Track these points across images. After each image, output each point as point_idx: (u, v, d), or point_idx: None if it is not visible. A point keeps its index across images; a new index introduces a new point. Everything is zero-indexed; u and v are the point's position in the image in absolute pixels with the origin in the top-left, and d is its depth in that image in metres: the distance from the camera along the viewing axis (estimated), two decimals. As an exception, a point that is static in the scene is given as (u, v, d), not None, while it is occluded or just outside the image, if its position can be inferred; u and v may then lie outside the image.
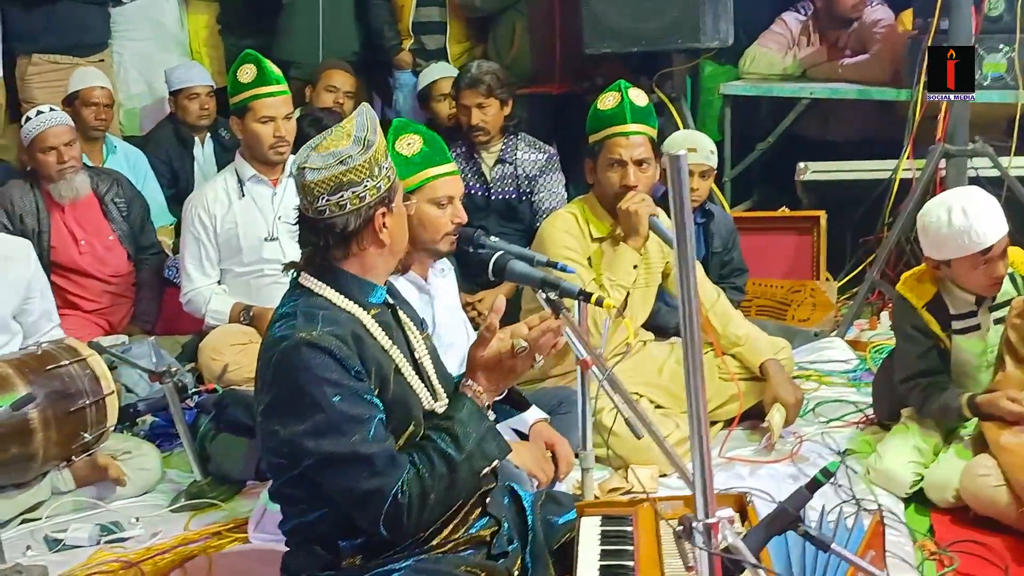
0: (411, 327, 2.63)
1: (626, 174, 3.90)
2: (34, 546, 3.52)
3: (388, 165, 2.49)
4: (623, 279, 3.92)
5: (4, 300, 3.91)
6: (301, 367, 2.35)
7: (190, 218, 4.59)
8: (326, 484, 2.40)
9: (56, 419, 3.59)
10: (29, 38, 6.03)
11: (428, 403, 2.54)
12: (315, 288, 2.48)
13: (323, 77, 5.94)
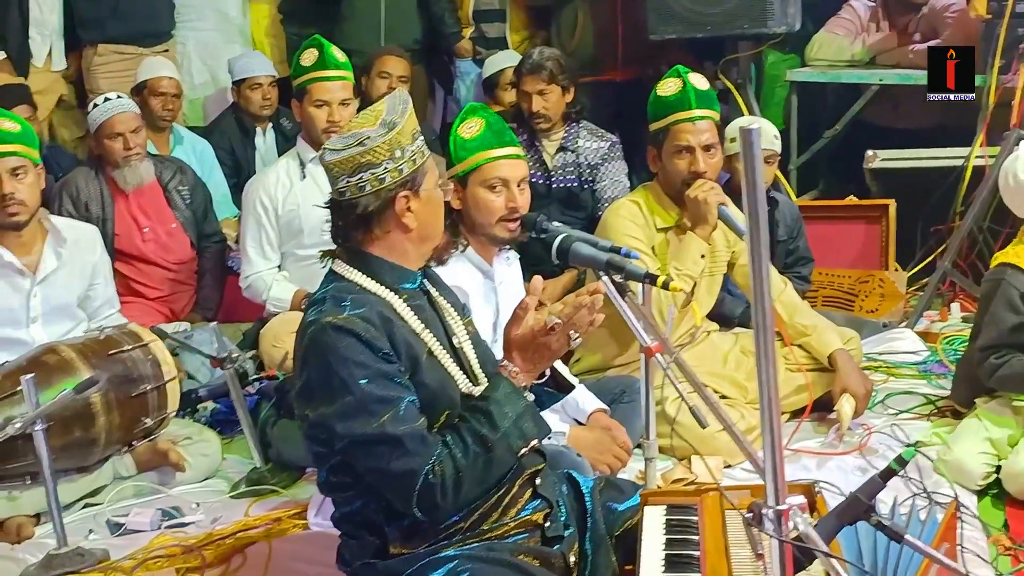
0: (450, 312, 2.60)
1: (694, 160, 3.83)
2: (96, 530, 3.54)
3: (416, 148, 2.45)
4: (691, 269, 3.85)
5: (71, 286, 3.93)
6: (328, 350, 2.34)
7: (251, 201, 4.58)
8: (359, 467, 2.39)
9: (118, 404, 3.61)
10: (95, 28, 6.09)
11: (465, 387, 2.50)
12: (345, 273, 2.47)
13: (376, 64, 5.92)
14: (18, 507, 3.51)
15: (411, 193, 2.45)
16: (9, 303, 3.77)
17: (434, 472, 2.33)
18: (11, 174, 3.69)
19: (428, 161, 2.50)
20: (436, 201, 2.53)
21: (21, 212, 3.72)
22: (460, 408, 2.47)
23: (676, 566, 2.33)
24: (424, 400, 2.40)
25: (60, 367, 3.53)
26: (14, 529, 3.49)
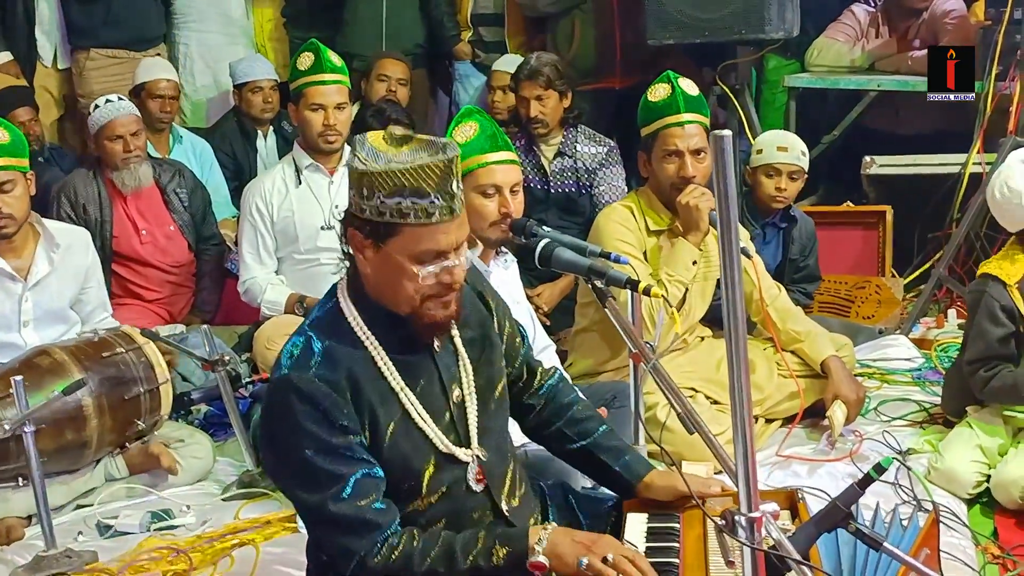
0: (464, 361, 2.41)
1: (683, 164, 3.83)
2: (85, 531, 3.55)
3: (391, 205, 2.16)
4: (682, 275, 3.85)
5: (63, 291, 3.94)
6: (283, 409, 2.22)
7: (248, 206, 4.60)
8: (304, 525, 2.36)
9: (110, 406, 3.63)
10: (88, 33, 6.09)
11: (445, 446, 2.34)
12: (342, 302, 2.31)
13: (376, 67, 5.95)
14: (9, 509, 3.52)
15: (367, 240, 2.22)
16: (1, 308, 3.78)
17: (379, 555, 2.23)
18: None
19: (420, 232, 2.19)
20: (397, 271, 2.22)
21: (9, 226, 3.73)
22: (438, 468, 2.34)
23: (653, 574, 2.33)
24: (392, 465, 2.29)
25: (52, 369, 3.55)
26: (4, 531, 3.50)
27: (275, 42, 6.65)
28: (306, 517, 2.33)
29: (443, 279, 2.24)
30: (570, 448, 2.68)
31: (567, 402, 2.70)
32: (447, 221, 2.20)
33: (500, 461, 2.47)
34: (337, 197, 4.58)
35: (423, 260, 2.21)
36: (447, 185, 2.18)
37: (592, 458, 2.66)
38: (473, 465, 2.40)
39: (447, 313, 2.29)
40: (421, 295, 2.25)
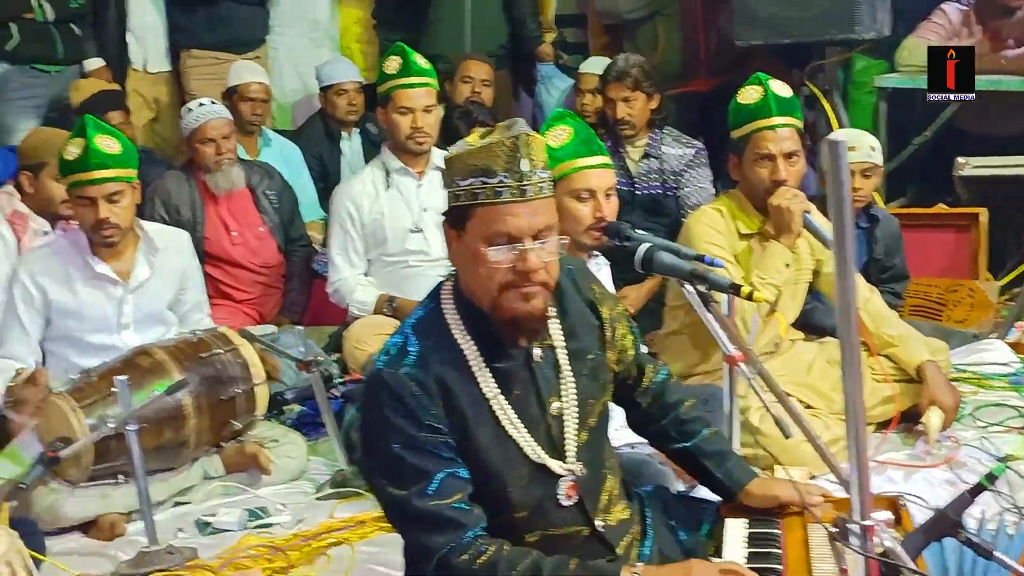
0: (561, 364, 2.37)
1: (775, 168, 3.79)
2: (185, 528, 3.61)
3: (466, 187, 2.19)
4: (774, 277, 3.82)
5: (162, 293, 3.99)
6: (375, 403, 2.25)
7: (337, 209, 4.66)
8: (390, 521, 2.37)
9: (208, 406, 3.69)
10: (191, 35, 6.21)
11: (537, 456, 2.31)
12: (444, 304, 2.32)
13: (460, 68, 5.99)
14: (111, 505, 3.59)
15: (451, 229, 2.27)
16: (102, 311, 3.84)
17: (464, 556, 2.20)
18: (108, 199, 3.71)
19: (490, 213, 2.19)
20: (475, 258, 2.22)
21: (115, 235, 3.78)
22: (530, 480, 2.31)
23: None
24: (484, 474, 2.27)
25: (153, 369, 3.62)
26: (107, 526, 3.58)
27: (362, 44, 6.72)
28: (391, 513, 2.32)
29: (517, 266, 2.20)
30: (674, 447, 2.67)
31: (673, 401, 2.67)
32: (516, 202, 2.18)
33: (597, 477, 2.42)
34: (426, 200, 4.62)
35: (493, 242, 2.19)
36: (516, 163, 2.17)
37: (694, 461, 2.65)
38: (566, 479, 2.35)
39: (528, 308, 2.24)
40: (497, 284, 2.21)
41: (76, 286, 3.81)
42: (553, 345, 2.38)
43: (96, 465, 3.49)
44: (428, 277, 4.64)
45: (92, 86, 5.75)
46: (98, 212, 3.71)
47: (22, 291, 3.79)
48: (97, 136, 3.70)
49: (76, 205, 3.76)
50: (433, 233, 4.64)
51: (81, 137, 3.72)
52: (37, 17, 5.79)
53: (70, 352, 3.84)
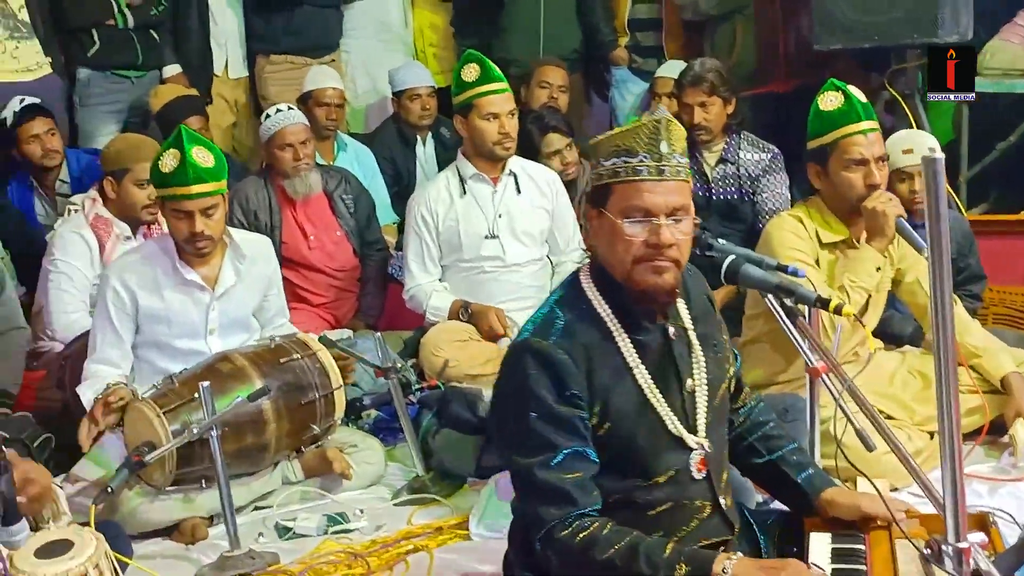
0: (696, 351, 2.50)
1: (869, 172, 3.73)
2: (265, 533, 3.65)
3: (608, 167, 2.38)
4: (866, 281, 3.76)
5: (247, 300, 4.03)
6: (518, 371, 2.37)
7: (413, 216, 4.69)
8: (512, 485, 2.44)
9: (288, 411, 3.73)
10: (270, 40, 6.27)
11: (676, 430, 2.43)
12: (584, 283, 2.47)
13: (536, 74, 5.98)
14: (193, 509, 3.64)
15: (592, 208, 2.43)
16: (189, 317, 3.88)
17: (566, 530, 2.31)
18: (203, 213, 3.73)
19: (628, 189, 2.36)
20: (612, 233, 2.39)
21: (208, 247, 3.80)
22: (667, 450, 2.42)
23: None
24: (623, 443, 2.39)
25: (234, 375, 3.66)
26: (189, 530, 3.63)
27: (436, 48, 6.73)
28: (514, 479, 2.43)
29: (650, 240, 2.35)
30: (756, 462, 2.70)
31: (763, 420, 2.74)
32: (654, 180, 2.34)
33: (720, 459, 2.54)
34: (500, 206, 4.64)
35: (630, 215, 2.35)
36: (656, 145, 2.33)
37: (776, 471, 2.68)
38: (697, 453, 2.46)
39: (659, 281, 2.38)
40: (632, 256, 2.37)
41: (165, 292, 3.85)
42: (684, 327, 2.50)
43: (179, 470, 3.54)
44: (502, 283, 4.67)
45: (171, 91, 5.83)
46: (194, 226, 3.74)
47: (113, 296, 3.83)
48: (193, 148, 3.71)
49: (170, 216, 3.79)
50: (508, 239, 4.65)
51: (176, 149, 3.72)
52: (118, 24, 5.88)
53: (157, 357, 3.89)
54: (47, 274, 4.59)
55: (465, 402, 3.99)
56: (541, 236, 4.76)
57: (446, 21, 6.73)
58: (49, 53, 5.73)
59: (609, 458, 2.39)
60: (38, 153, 5.33)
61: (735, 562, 2.28)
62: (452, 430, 3.98)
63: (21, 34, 5.61)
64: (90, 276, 4.55)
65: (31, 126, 5.33)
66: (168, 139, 3.86)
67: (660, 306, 2.45)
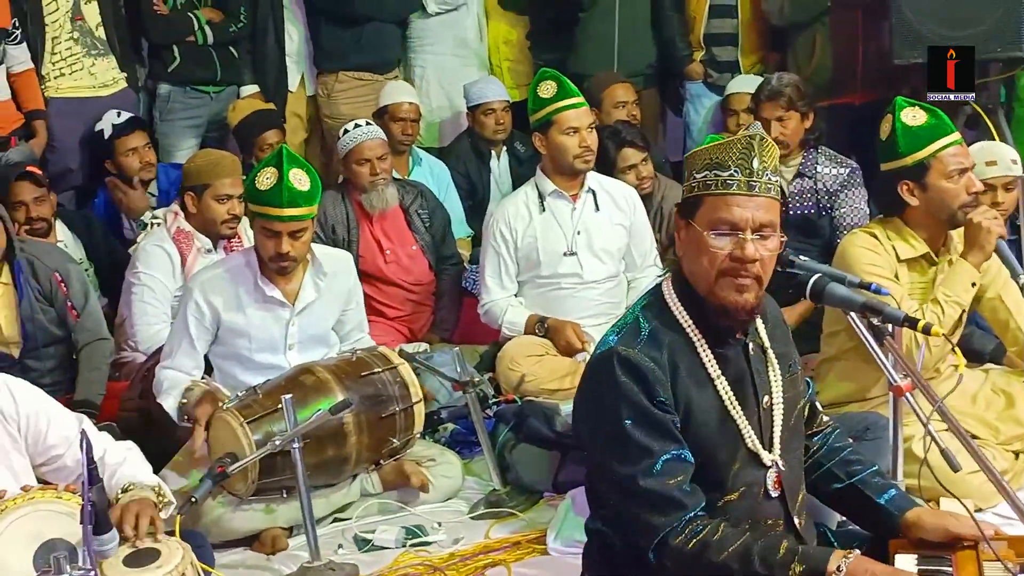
0: (773, 367, 2.52)
1: (971, 180, 3.71)
2: (345, 545, 3.69)
3: (699, 179, 2.40)
4: (962, 296, 3.70)
5: (327, 315, 4.07)
6: (607, 379, 2.37)
7: (492, 232, 4.71)
8: (606, 494, 2.44)
9: (368, 424, 3.76)
10: (338, 57, 6.29)
11: (754, 444, 2.44)
12: (667, 296, 2.47)
13: (607, 94, 5.93)
14: (274, 519, 3.69)
15: (681, 220, 2.45)
16: (270, 332, 3.94)
17: (680, 536, 2.32)
18: (291, 235, 3.78)
19: (718, 201, 2.37)
20: (698, 245, 2.40)
21: (290, 267, 3.86)
22: (743, 464, 2.43)
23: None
24: (701, 454, 2.39)
25: (316, 387, 3.70)
26: (269, 541, 3.67)
27: (511, 63, 6.74)
28: (615, 489, 2.41)
29: (735, 253, 2.36)
30: (835, 487, 2.67)
31: (840, 446, 2.71)
32: (744, 195, 2.35)
33: (795, 477, 2.54)
34: (579, 223, 4.65)
35: (717, 228, 2.36)
36: (748, 160, 2.35)
37: (857, 495, 2.64)
38: (773, 471, 2.47)
39: (740, 299, 2.38)
40: (716, 269, 2.37)
41: (246, 307, 3.91)
42: (763, 345, 2.52)
43: (261, 480, 3.59)
44: (579, 299, 4.68)
45: (249, 106, 5.92)
46: (280, 246, 3.79)
47: (195, 309, 3.90)
48: (292, 170, 3.77)
49: (258, 232, 3.85)
50: (586, 256, 4.66)
51: (276, 168, 3.78)
52: (198, 40, 5.98)
53: (237, 370, 3.96)
54: (130, 286, 4.68)
55: (543, 416, 4.01)
56: (619, 253, 4.76)
57: (521, 36, 6.73)
58: (125, 69, 5.84)
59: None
60: (135, 166, 5.42)
61: (852, 560, 2.29)
62: (529, 444, 4.00)
63: (98, 51, 5.71)
64: (172, 288, 4.64)
65: (129, 139, 5.42)
66: (269, 156, 3.94)
67: (739, 324, 2.45)
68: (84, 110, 5.69)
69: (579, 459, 3.89)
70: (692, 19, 6.34)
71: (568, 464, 3.91)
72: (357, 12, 6.15)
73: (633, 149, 5.24)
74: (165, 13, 5.94)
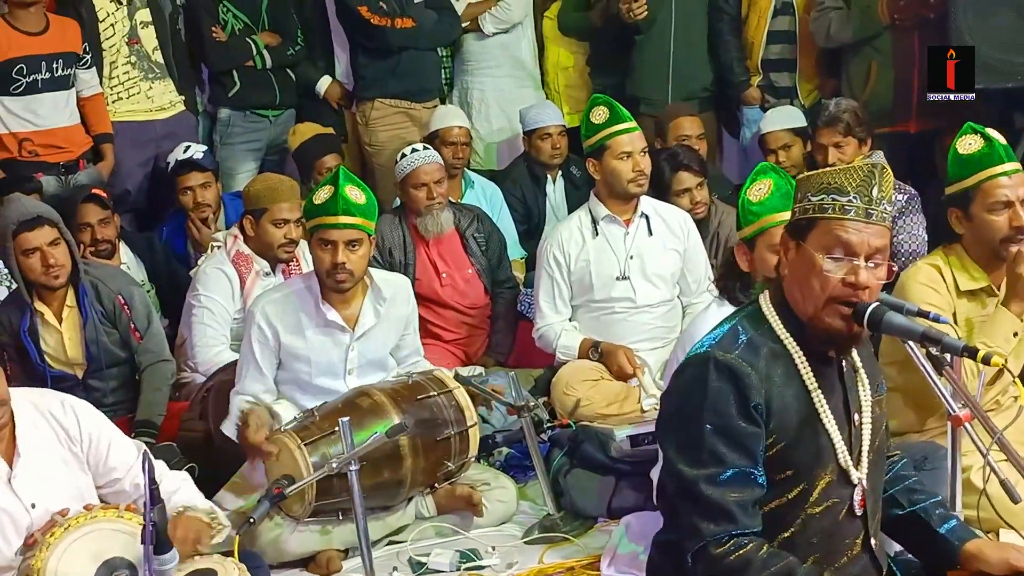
0: (864, 385, 2.55)
1: (1016, 214, 3.65)
2: (400, 568, 3.71)
3: (815, 202, 2.41)
4: (1001, 346, 3.61)
5: (386, 340, 4.11)
6: (699, 381, 2.40)
7: (545, 256, 4.73)
8: (667, 490, 2.47)
9: (423, 447, 3.79)
10: (376, 85, 6.29)
11: (844, 460, 2.46)
12: (764, 308, 2.51)
13: (672, 128, 5.91)
14: (329, 541, 3.73)
15: (792, 240, 2.46)
16: (329, 357, 3.98)
17: (722, 547, 2.33)
18: (347, 245, 3.83)
19: (834, 225, 2.39)
20: (810, 267, 2.41)
21: (347, 281, 3.87)
22: (832, 479, 2.44)
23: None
24: (792, 464, 2.41)
25: (373, 410, 3.74)
26: (324, 562, 3.71)
27: (569, 88, 6.76)
28: (675, 486, 2.43)
29: (848, 279, 2.39)
30: (897, 514, 2.67)
31: (904, 474, 2.73)
32: (861, 221, 2.38)
33: (876, 498, 2.56)
34: (632, 248, 4.65)
35: (832, 252, 2.38)
36: (867, 188, 2.37)
37: (917, 523, 2.65)
38: (859, 489, 2.50)
39: (846, 326, 2.41)
40: (828, 294, 2.39)
41: (307, 332, 3.95)
42: (855, 365, 2.55)
43: (318, 502, 3.62)
44: (632, 323, 4.68)
45: (309, 130, 5.98)
46: (336, 255, 3.83)
47: (258, 332, 3.95)
48: (347, 185, 3.85)
49: (316, 248, 3.90)
50: (639, 280, 4.66)
51: (332, 185, 3.87)
52: (256, 65, 6.07)
53: (296, 393, 4.00)
54: (190, 308, 4.76)
55: (597, 442, 4.02)
56: (672, 278, 4.76)
57: (579, 62, 6.75)
58: (183, 92, 5.93)
59: (775, 478, 2.40)
60: (190, 205, 5.50)
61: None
62: (583, 469, 4.01)
63: (155, 74, 5.82)
64: (231, 311, 4.70)
65: (187, 178, 5.48)
66: (327, 177, 4.00)
67: (840, 349, 2.49)
68: (141, 133, 5.82)
69: (633, 485, 3.91)
70: (750, 44, 6.33)
71: (622, 490, 3.92)
72: (391, 43, 6.17)
73: (689, 173, 5.22)
74: (223, 39, 6.04)
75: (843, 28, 5.92)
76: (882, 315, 2.63)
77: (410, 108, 6.31)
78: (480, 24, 6.48)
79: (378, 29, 6.09)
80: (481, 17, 6.48)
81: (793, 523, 2.43)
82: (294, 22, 6.24)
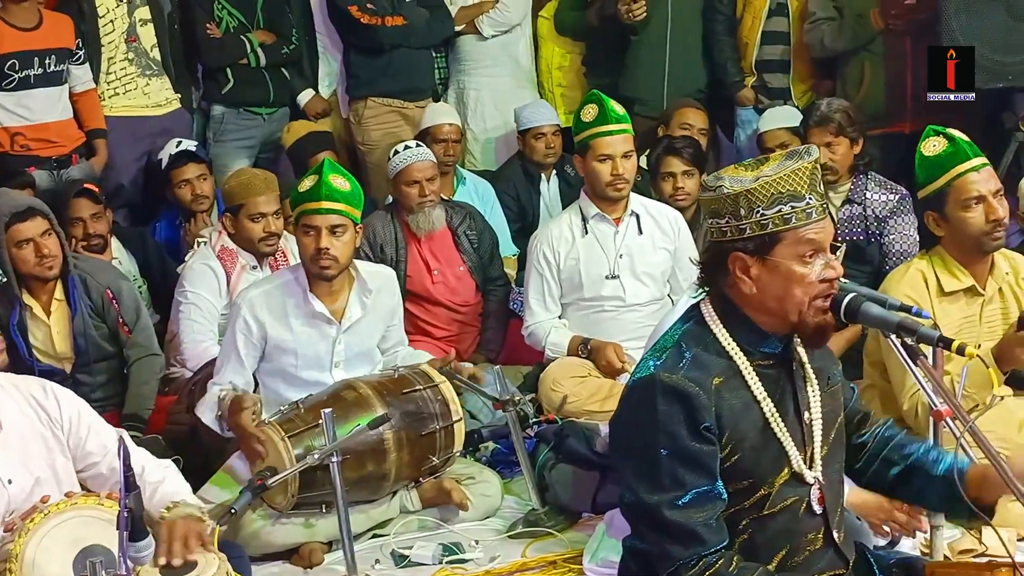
0: (812, 382, 2.51)
1: (990, 208, 3.66)
2: (382, 560, 3.71)
3: (773, 214, 2.31)
4: (980, 394, 3.57)
5: (372, 333, 4.12)
6: (648, 404, 2.35)
7: (535, 254, 4.74)
8: (631, 512, 2.42)
9: (408, 441, 3.80)
10: (368, 84, 6.29)
11: (797, 464, 2.43)
12: (707, 317, 2.44)
13: (676, 116, 5.94)
14: (313, 534, 3.73)
15: (751, 257, 2.35)
16: (316, 349, 3.98)
17: (693, 569, 2.31)
18: (330, 231, 3.82)
19: (799, 233, 2.33)
20: (788, 279, 2.36)
21: (332, 267, 3.87)
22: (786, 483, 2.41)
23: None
24: (746, 474, 2.38)
25: (357, 403, 3.75)
26: (307, 554, 3.71)
27: (564, 88, 6.76)
28: (638, 513, 2.40)
29: (826, 274, 2.38)
30: (894, 473, 2.64)
31: (891, 434, 2.69)
32: (821, 219, 2.36)
33: (835, 493, 2.53)
34: (622, 246, 4.65)
35: (809, 259, 2.35)
36: (816, 185, 2.34)
37: (917, 472, 2.62)
38: (816, 488, 2.46)
39: (826, 319, 2.40)
40: (810, 296, 2.37)
41: (294, 324, 3.96)
42: (802, 361, 2.51)
43: (301, 494, 3.62)
44: (622, 321, 4.69)
45: (303, 128, 5.99)
46: (319, 241, 3.83)
47: (243, 325, 3.95)
48: (331, 174, 3.88)
49: (300, 236, 3.91)
50: (628, 279, 4.67)
51: (316, 174, 3.90)
52: (250, 63, 6.09)
53: (281, 386, 4.01)
54: (178, 304, 4.77)
55: (582, 437, 4.02)
56: (662, 276, 4.76)
57: (574, 61, 6.75)
58: (180, 90, 5.95)
59: (733, 488, 2.38)
60: (188, 197, 5.50)
61: None
62: (568, 464, 4.01)
63: (152, 71, 5.84)
64: (218, 306, 4.71)
65: (183, 171, 5.50)
66: (312, 168, 4.02)
67: (823, 342, 2.47)
68: (137, 129, 5.84)
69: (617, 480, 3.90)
70: (744, 45, 6.33)
71: (607, 485, 3.91)
72: (383, 42, 6.17)
73: (678, 159, 5.17)
74: (219, 36, 6.05)
75: (837, 39, 5.94)
76: (859, 305, 2.64)
77: (403, 107, 6.33)
78: (478, 26, 6.48)
79: (369, 28, 6.11)
80: (479, 20, 6.48)
81: (752, 526, 2.41)
82: (289, 21, 6.25)
